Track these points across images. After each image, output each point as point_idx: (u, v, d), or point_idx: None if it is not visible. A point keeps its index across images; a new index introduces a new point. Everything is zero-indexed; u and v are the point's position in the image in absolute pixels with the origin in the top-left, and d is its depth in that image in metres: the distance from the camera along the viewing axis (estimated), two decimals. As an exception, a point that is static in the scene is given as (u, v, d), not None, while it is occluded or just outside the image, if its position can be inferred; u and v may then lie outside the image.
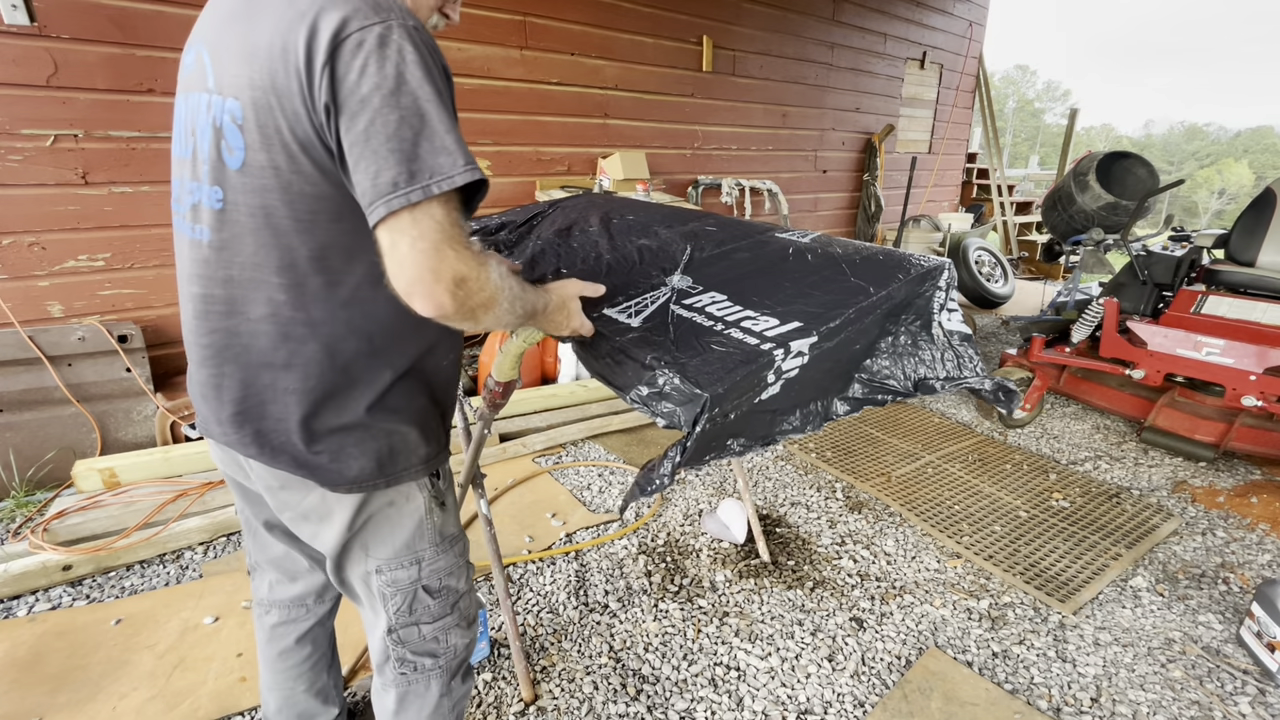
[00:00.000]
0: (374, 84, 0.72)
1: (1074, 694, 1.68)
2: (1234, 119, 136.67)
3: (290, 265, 0.83)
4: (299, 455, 0.90)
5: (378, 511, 0.99)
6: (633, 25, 4.27)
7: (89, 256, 2.67)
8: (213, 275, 0.86)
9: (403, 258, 0.75)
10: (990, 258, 5.81)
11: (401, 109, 0.73)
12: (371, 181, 0.73)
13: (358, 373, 0.90)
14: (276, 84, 0.75)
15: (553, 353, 3.48)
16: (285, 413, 0.89)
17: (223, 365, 0.89)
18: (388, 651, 1.06)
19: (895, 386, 1.20)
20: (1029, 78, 63.06)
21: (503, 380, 1.32)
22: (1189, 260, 3.15)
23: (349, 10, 0.73)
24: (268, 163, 0.78)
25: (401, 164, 0.73)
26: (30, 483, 2.47)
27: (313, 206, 0.81)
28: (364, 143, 0.73)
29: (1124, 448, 3.10)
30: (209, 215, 0.84)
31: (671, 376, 0.99)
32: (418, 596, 1.04)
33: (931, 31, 6.82)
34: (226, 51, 0.79)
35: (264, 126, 0.77)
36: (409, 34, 0.75)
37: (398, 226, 0.74)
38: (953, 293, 1.28)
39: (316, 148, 0.77)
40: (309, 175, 0.79)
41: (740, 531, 2.23)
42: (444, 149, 0.75)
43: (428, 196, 0.73)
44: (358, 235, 0.83)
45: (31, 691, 1.59)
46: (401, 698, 1.09)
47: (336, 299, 0.86)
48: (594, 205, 1.88)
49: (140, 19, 2.61)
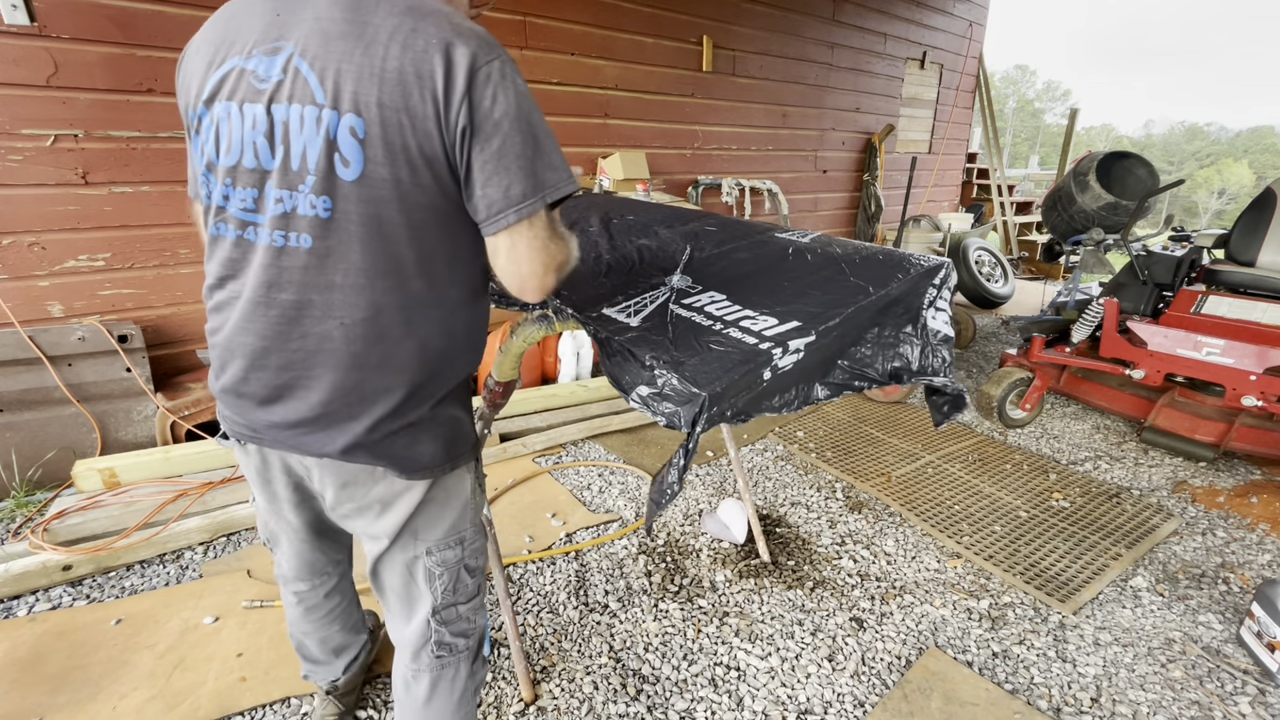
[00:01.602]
0: (504, 110, 0.84)
1: (1074, 694, 1.68)
2: (1234, 119, 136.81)
3: (397, 270, 0.89)
4: (378, 447, 0.96)
5: (435, 496, 1.05)
6: (633, 25, 4.27)
7: (89, 256, 2.67)
8: (312, 281, 0.88)
9: (521, 256, 0.90)
10: (990, 258, 5.81)
11: (523, 132, 0.86)
12: (503, 193, 0.86)
13: (440, 369, 0.98)
14: (410, 105, 0.82)
15: (553, 353, 3.48)
16: (371, 410, 0.93)
17: (311, 369, 0.92)
18: (427, 635, 1.12)
19: (873, 375, 1.22)
20: (1029, 78, 63.07)
21: (503, 380, 1.32)
22: (1189, 260, 3.14)
23: (475, 45, 0.83)
24: (390, 175, 0.84)
25: (528, 179, 0.87)
26: (30, 483, 2.47)
27: (424, 216, 0.88)
28: (497, 160, 0.85)
29: (1124, 448, 3.10)
30: (310, 223, 0.86)
31: (670, 376, 1.00)
32: (460, 576, 1.12)
33: (931, 31, 6.82)
34: (344, 70, 0.83)
35: (390, 143, 0.83)
36: (513, 65, 0.87)
37: (519, 230, 0.88)
38: (945, 292, 1.29)
39: (441, 163, 0.86)
40: (427, 188, 0.87)
41: (740, 531, 2.23)
42: (554, 166, 0.90)
43: (543, 205, 0.88)
44: (457, 243, 0.93)
45: (31, 691, 1.59)
46: (435, 682, 1.14)
47: (433, 301, 0.94)
48: (594, 205, 1.88)
49: (140, 19, 2.61)
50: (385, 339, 0.91)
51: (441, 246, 0.92)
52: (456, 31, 0.83)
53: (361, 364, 0.91)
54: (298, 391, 0.93)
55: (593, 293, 1.30)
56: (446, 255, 0.93)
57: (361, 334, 0.90)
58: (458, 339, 0.99)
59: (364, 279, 0.88)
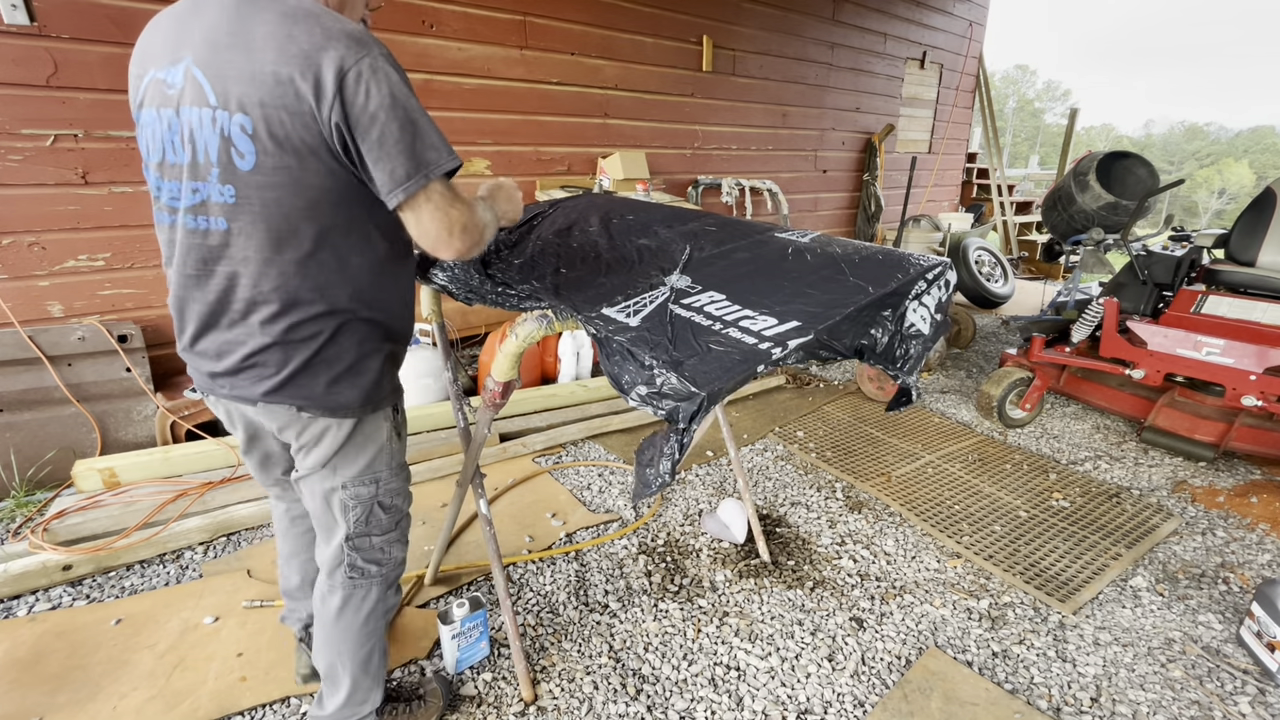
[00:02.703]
0: (378, 103, 0.95)
1: (1074, 694, 1.68)
2: (1234, 119, 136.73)
3: (299, 243, 1.04)
4: (297, 392, 1.11)
5: (353, 437, 1.20)
6: (633, 25, 4.27)
7: (89, 256, 2.67)
8: (234, 256, 1.04)
9: (426, 225, 1.03)
10: (990, 258, 5.81)
11: (399, 120, 0.97)
12: (388, 176, 0.99)
13: (350, 326, 1.13)
14: (288, 104, 0.94)
15: (552, 352, 3.48)
16: (292, 362, 1.09)
17: (233, 330, 1.09)
18: (341, 558, 1.28)
19: (838, 347, 1.23)
20: (1029, 78, 63.04)
21: (502, 380, 1.32)
22: (1189, 260, 3.14)
23: (344, 48, 0.94)
24: (280, 164, 0.98)
25: (410, 160, 0.99)
26: (30, 483, 2.47)
27: (316, 196, 1.01)
28: (379, 148, 0.97)
29: (1124, 448, 3.10)
30: (222, 209, 1.02)
31: (669, 376, 1.00)
32: (374, 510, 1.27)
33: (931, 31, 6.82)
34: (229, 75, 0.96)
35: (275, 136, 0.96)
36: (387, 60, 0.98)
37: (415, 205, 1.02)
38: (935, 290, 1.29)
39: (323, 151, 0.98)
40: (315, 171, 1.00)
41: (740, 531, 2.23)
42: (434, 146, 1.01)
43: (430, 180, 1.00)
44: (354, 216, 1.07)
45: (31, 691, 1.59)
46: (346, 599, 1.31)
47: (334, 268, 1.08)
48: (594, 205, 1.88)
49: (140, 19, 2.58)
50: (299, 303, 1.07)
51: (338, 220, 1.05)
52: (327, 35, 0.94)
53: (276, 321, 1.07)
54: (234, 349, 1.10)
55: (593, 292, 1.30)
56: (344, 227, 1.06)
57: (277, 299, 1.05)
58: (364, 299, 1.13)
59: (272, 252, 1.03)
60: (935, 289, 1.30)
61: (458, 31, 3.50)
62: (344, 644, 1.33)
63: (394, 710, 1.49)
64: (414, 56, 3.37)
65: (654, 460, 1.07)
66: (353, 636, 1.32)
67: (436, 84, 3.48)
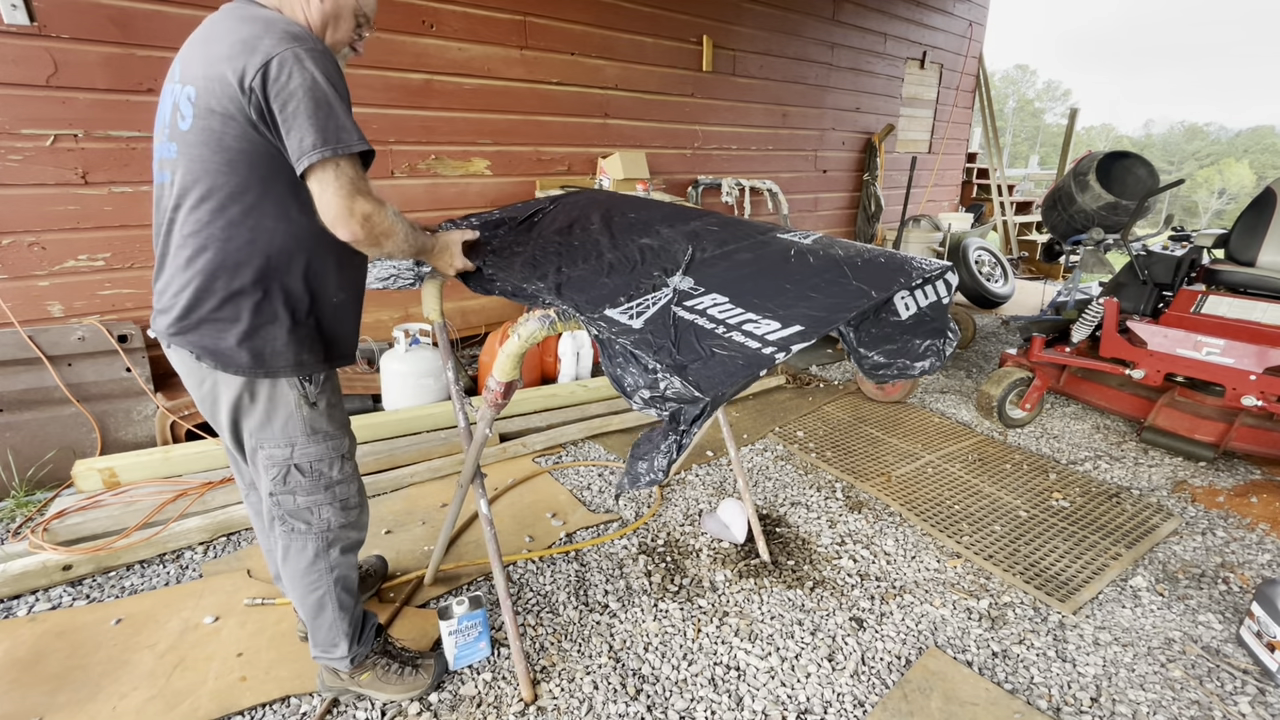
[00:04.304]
0: (296, 83, 1.10)
1: (1074, 693, 1.68)
2: (1234, 119, 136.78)
3: (217, 196, 1.17)
4: (192, 334, 1.23)
5: (257, 400, 1.29)
6: (633, 25, 4.27)
7: (89, 256, 2.67)
8: (171, 205, 1.21)
9: (329, 200, 1.14)
10: (990, 258, 5.81)
11: (315, 99, 1.10)
12: (298, 144, 1.11)
13: (255, 290, 1.22)
14: (223, 77, 1.11)
15: (553, 353, 3.48)
16: (199, 309, 1.21)
17: (167, 271, 1.24)
18: (270, 510, 1.39)
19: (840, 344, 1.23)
20: (1029, 78, 63.03)
21: (504, 380, 1.32)
22: (1189, 260, 3.14)
23: (273, 41, 1.10)
24: (207, 125, 1.14)
25: (318, 133, 1.10)
26: (30, 482, 2.47)
27: (234, 157, 1.15)
28: (292, 119, 1.10)
29: (1124, 447, 3.10)
30: (169, 163, 1.21)
31: (673, 380, 1.00)
32: (290, 472, 1.35)
33: (931, 31, 6.82)
34: (193, 59, 1.18)
35: (208, 104, 1.13)
36: (313, 54, 1.12)
37: (322, 178, 1.13)
38: (929, 288, 1.29)
39: (243, 118, 1.12)
40: (236, 135, 1.14)
41: (740, 531, 2.23)
42: (344, 127, 1.13)
43: (337, 155, 1.12)
44: (268, 181, 1.18)
45: (31, 691, 1.59)
46: (286, 549, 1.42)
47: (247, 225, 1.19)
48: (595, 202, 1.88)
49: (140, 19, 2.61)
50: (205, 250, 1.18)
51: (252, 183, 1.17)
52: (268, 29, 1.12)
53: (190, 265, 1.20)
54: (167, 288, 1.24)
55: (595, 293, 1.30)
56: (259, 190, 1.18)
57: (192, 244, 1.19)
58: (272, 261, 1.21)
59: (195, 201, 1.17)
60: (930, 287, 1.30)
61: (458, 31, 3.50)
62: (294, 590, 1.46)
63: (387, 666, 1.58)
64: (414, 56, 3.37)
65: (649, 455, 1.07)
66: (298, 583, 1.44)
67: (436, 84, 3.48)
